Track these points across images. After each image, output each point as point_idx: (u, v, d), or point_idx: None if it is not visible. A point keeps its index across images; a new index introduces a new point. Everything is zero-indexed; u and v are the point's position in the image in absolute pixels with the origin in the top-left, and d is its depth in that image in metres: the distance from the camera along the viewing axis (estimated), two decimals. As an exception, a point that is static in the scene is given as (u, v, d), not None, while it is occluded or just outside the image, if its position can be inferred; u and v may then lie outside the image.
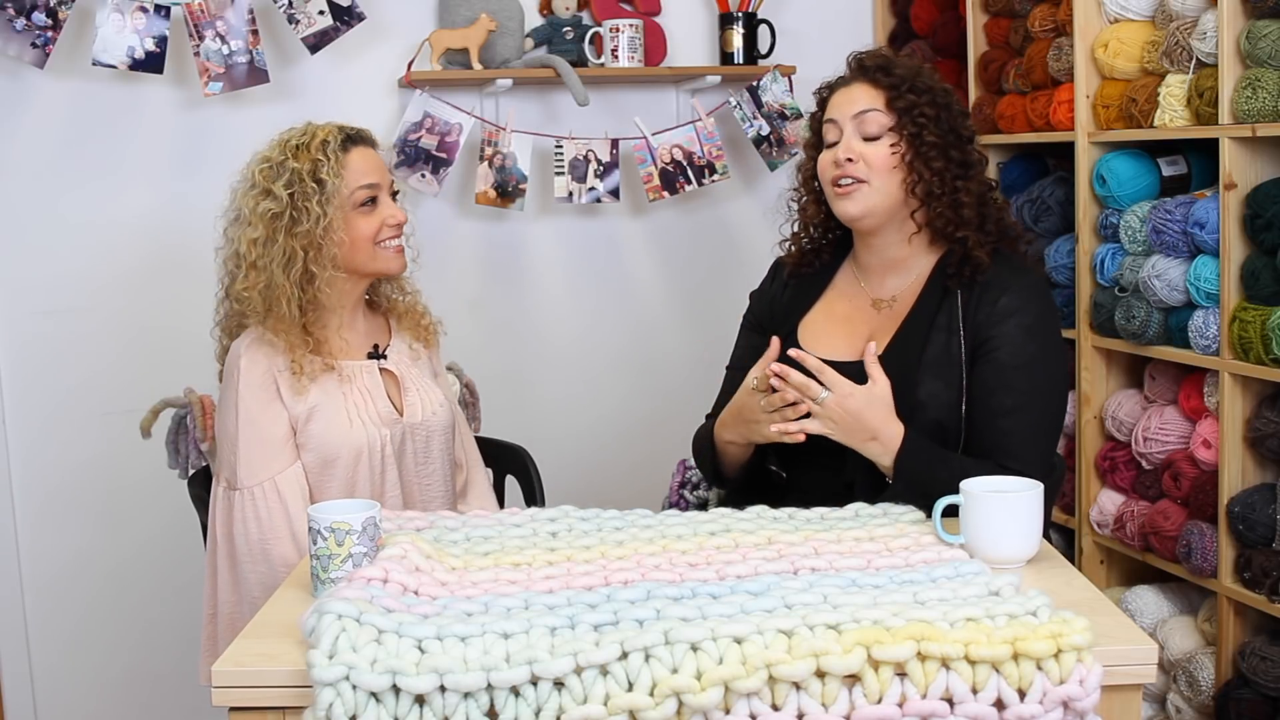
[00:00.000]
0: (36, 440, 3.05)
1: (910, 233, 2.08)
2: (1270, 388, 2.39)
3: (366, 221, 2.16)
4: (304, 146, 2.13)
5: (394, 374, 2.25)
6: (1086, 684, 1.37)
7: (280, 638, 1.51)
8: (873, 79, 2.06)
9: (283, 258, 2.10)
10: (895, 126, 2.04)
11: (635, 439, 3.35)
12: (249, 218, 2.13)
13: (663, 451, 2.62)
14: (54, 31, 2.80)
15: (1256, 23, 2.29)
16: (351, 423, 2.15)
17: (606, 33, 3.14)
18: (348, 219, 2.14)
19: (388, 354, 2.26)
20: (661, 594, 1.52)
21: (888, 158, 2.03)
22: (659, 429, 3.24)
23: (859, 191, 2.04)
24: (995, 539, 1.67)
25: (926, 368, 2.00)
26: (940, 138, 2.03)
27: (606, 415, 3.38)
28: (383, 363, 2.25)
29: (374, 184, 2.17)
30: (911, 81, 2.05)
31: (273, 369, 2.13)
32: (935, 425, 1.99)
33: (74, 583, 3.09)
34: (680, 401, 2.36)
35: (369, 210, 2.17)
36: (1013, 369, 1.98)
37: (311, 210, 2.10)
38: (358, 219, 2.16)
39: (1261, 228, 2.31)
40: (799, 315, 2.16)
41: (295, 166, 2.11)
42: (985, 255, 2.04)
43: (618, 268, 3.38)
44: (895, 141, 2.04)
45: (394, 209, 2.20)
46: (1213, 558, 2.46)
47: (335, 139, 2.14)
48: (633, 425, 3.38)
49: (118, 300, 3.06)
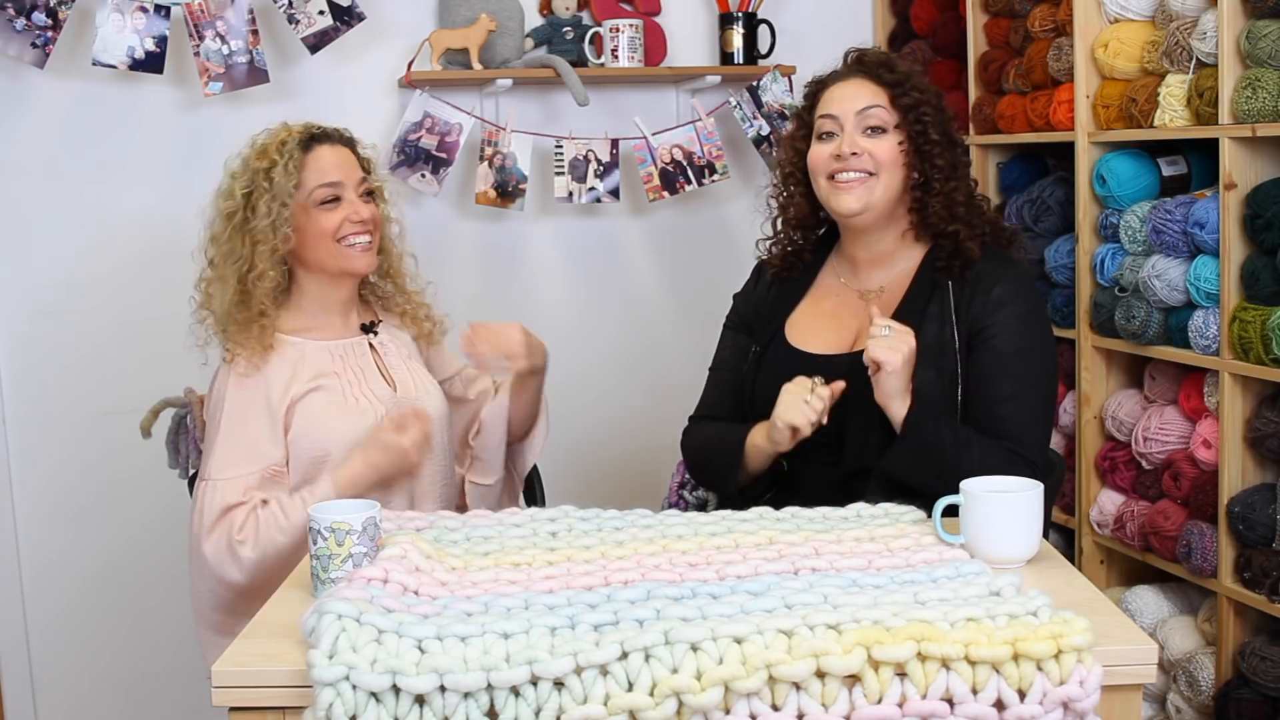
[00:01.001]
0: (36, 440, 3.05)
1: (902, 229, 2.11)
2: (1270, 388, 2.39)
3: (329, 219, 2.18)
4: (266, 147, 2.17)
5: (378, 351, 2.28)
6: (1086, 684, 1.37)
7: (280, 638, 1.51)
8: (875, 75, 2.08)
9: (235, 255, 2.14)
10: (901, 124, 2.06)
11: (635, 439, 3.35)
12: (213, 216, 2.20)
13: (662, 451, 2.62)
14: (54, 31, 2.80)
15: (1256, 23, 2.29)
16: (346, 402, 2.18)
17: (606, 33, 3.14)
18: (310, 216, 2.17)
19: (378, 330, 2.30)
20: (661, 594, 1.52)
21: (894, 153, 2.05)
22: (659, 429, 3.23)
23: (864, 185, 2.05)
24: (995, 539, 1.67)
25: (919, 357, 2.01)
26: (940, 137, 2.06)
27: (606, 415, 3.38)
28: (372, 338, 2.27)
29: (334, 182, 2.19)
30: (912, 80, 2.08)
31: (258, 384, 2.15)
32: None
33: (74, 582, 3.09)
34: (680, 401, 2.36)
35: (332, 208, 2.19)
36: (1010, 355, 2.00)
37: (259, 208, 2.13)
38: (320, 216, 2.18)
39: (1261, 228, 2.31)
40: (785, 314, 2.18)
41: (256, 166, 2.16)
42: (976, 248, 2.06)
43: (617, 268, 3.38)
44: (901, 140, 2.06)
45: (356, 205, 2.20)
46: (1213, 558, 2.46)
47: (295, 139, 2.17)
48: (633, 425, 3.38)
49: (118, 300, 3.06)
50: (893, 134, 2.06)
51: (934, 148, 2.05)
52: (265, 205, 2.13)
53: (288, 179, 2.13)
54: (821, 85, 2.14)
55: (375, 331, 2.29)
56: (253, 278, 2.14)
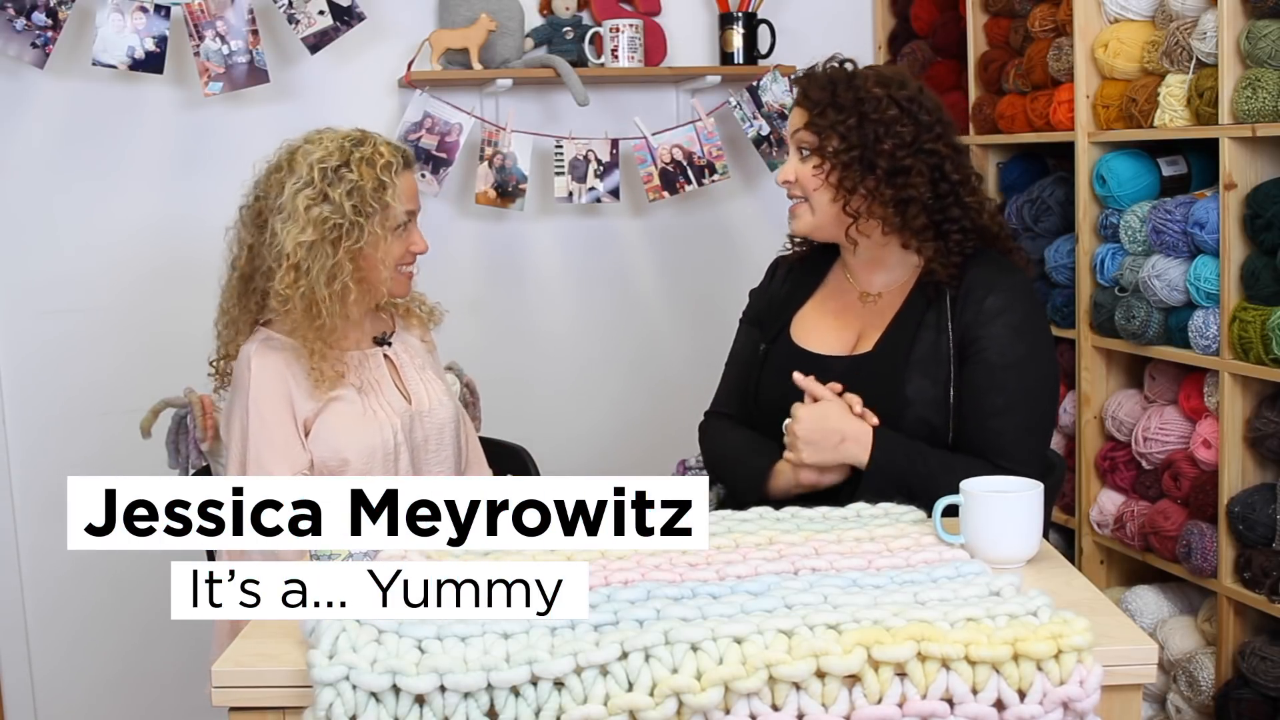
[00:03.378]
0: (36, 440, 3.05)
1: (879, 237, 2.07)
2: (1270, 388, 2.39)
3: (398, 246, 2.17)
4: (368, 161, 2.11)
5: (394, 362, 2.26)
6: (1086, 684, 1.37)
7: (280, 638, 1.51)
8: (800, 99, 2.08)
9: (329, 268, 2.08)
10: (817, 148, 2.05)
11: (635, 439, 3.35)
12: (300, 217, 2.08)
13: (662, 451, 2.62)
14: (54, 31, 2.80)
15: (1256, 23, 2.29)
16: (365, 414, 2.16)
17: (606, 33, 3.14)
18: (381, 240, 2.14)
19: (392, 341, 2.28)
20: (661, 594, 1.52)
21: (811, 178, 2.06)
22: (659, 429, 3.24)
23: (800, 209, 2.09)
24: (995, 539, 1.67)
25: (914, 365, 2.01)
26: (861, 151, 2.01)
27: (606, 415, 3.39)
28: (386, 349, 2.26)
29: (413, 210, 2.18)
30: (834, 99, 2.03)
31: (285, 371, 2.13)
32: (923, 423, 1.99)
33: (74, 583, 3.09)
34: (680, 402, 2.37)
35: (401, 234, 2.17)
36: (1002, 369, 1.98)
37: (367, 229, 2.09)
38: (393, 242, 2.16)
39: (1261, 228, 2.31)
40: (793, 310, 2.18)
41: (357, 180, 2.09)
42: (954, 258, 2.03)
43: (618, 268, 3.38)
44: (819, 163, 2.05)
45: (419, 237, 2.20)
46: (1213, 558, 2.46)
47: (398, 161, 2.14)
48: (632, 425, 3.38)
49: (118, 300, 3.06)
50: (814, 156, 2.05)
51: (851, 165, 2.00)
52: (378, 229, 2.10)
53: (397, 204, 2.12)
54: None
55: (389, 343, 2.28)
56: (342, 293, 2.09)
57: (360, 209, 2.09)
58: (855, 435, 1.96)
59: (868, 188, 2.01)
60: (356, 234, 2.09)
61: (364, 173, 2.09)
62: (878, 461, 1.94)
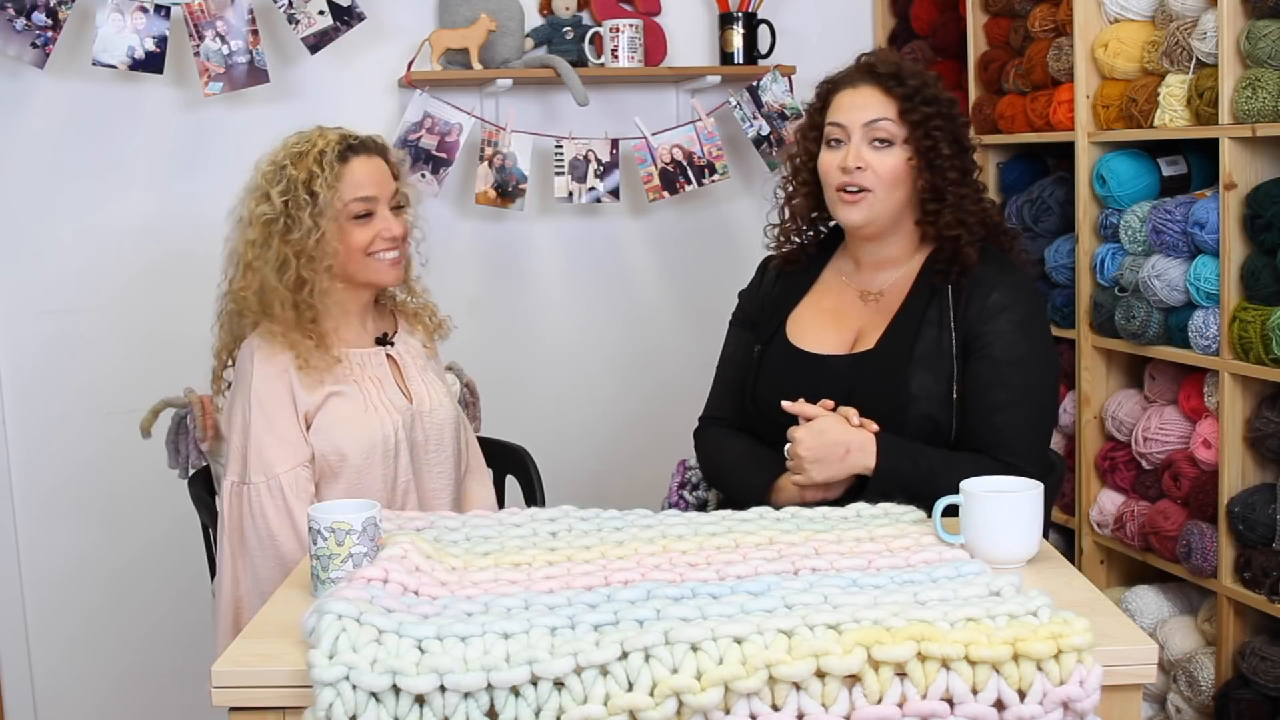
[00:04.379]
0: (36, 440, 3.05)
1: (909, 235, 2.10)
2: (1270, 388, 2.39)
3: (361, 233, 2.16)
4: (303, 155, 2.13)
5: (397, 362, 2.26)
6: (1086, 684, 1.37)
7: (280, 638, 1.51)
8: (885, 86, 2.04)
9: (276, 262, 2.11)
10: (909, 138, 2.02)
11: (635, 439, 3.35)
12: (248, 219, 2.15)
13: (662, 452, 2.62)
14: (54, 31, 2.80)
15: (1256, 23, 2.29)
16: (366, 410, 2.16)
17: (606, 33, 3.14)
18: (342, 229, 2.14)
19: (394, 342, 2.28)
20: (661, 594, 1.52)
21: (898, 168, 2.03)
22: (659, 429, 3.24)
23: (864, 201, 2.04)
24: (995, 539, 1.67)
25: (917, 361, 2.01)
26: (950, 150, 2.03)
27: (606, 415, 3.38)
28: (389, 349, 2.26)
29: (369, 197, 2.16)
30: (923, 92, 2.03)
31: (286, 365, 2.13)
32: (926, 419, 2.00)
33: (74, 583, 3.09)
34: (680, 402, 2.36)
35: (364, 222, 2.16)
36: (1006, 365, 1.99)
37: (303, 221, 2.10)
38: (352, 230, 2.15)
39: (1261, 228, 2.31)
40: (787, 310, 2.17)
41: (293, 174, 2.12)
42: (974, 252, 2.04)
43: (618, 268, 3.38)
44: (910, 155, 2.03)
45: (389, 222, 2.18)
46: (1213, 558, 2.46)
47: (333, 149, 2.13)
48: (632, 425, 3.38)
49: (118, 300, 3.06)
50: (900, 148, 2.03)
51: (945, 160, 2.02)
52: (310, 219, 2.10)
53: (330, 192, 2.11)
54: (833, 87, 2.11)
55: (391, 343, 2.28)
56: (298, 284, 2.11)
57: (292, 201, 2.11)
58: (859, 445, 1.94)
59: (949, 180, 2.02)
60: (292, 227, 2.10)
61: (299, 166, 2.12)
62: (885, 466, 1.93)
